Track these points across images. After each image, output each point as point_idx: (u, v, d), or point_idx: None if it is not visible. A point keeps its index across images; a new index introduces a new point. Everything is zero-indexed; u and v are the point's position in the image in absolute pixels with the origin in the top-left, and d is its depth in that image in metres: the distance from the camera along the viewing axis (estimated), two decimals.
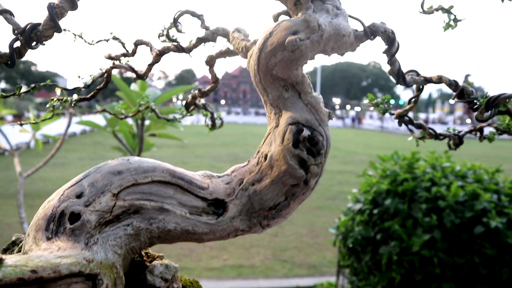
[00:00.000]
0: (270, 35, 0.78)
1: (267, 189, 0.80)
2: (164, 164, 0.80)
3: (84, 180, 0.74)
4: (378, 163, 4.09)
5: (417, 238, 3.09)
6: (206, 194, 0.80)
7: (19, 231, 7.05)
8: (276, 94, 0.82)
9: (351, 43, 0.80)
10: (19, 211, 3.73)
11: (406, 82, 0.85)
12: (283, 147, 0.78)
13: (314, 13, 0.77)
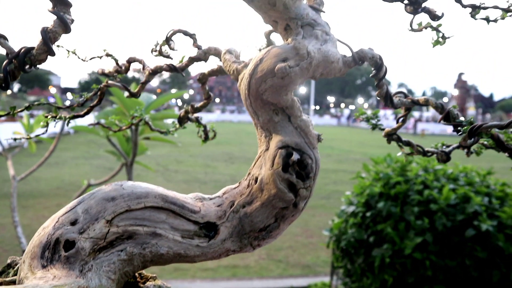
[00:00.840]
0: (260, 61, 0.80)
1: (258, 211, 0.82)
2: (157, 189, 0.82)
3: (78, 206, 0.76)
4: (371, 165, 4.12)
5: (409, 241, 3.13)
6: (198, 218, 0.82)
7: (12, 233, 7.02)
8: (267, 117, 0.83)
9: (339, 69, 0.82)
10: (13, 215, 3.73)
11: (394, 104, 0.87)
12: (273, 171, 0.80)
13: (304, 39, 0.79)
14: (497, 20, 0.95)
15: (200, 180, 11.83)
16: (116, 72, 1.10)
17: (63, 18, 0.81)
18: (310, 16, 0.82)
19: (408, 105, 0.90)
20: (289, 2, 0.77)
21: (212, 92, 1.26)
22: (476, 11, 0.86)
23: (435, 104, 0.87)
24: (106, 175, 11.72)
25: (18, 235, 3.51)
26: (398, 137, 1.00)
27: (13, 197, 3.77)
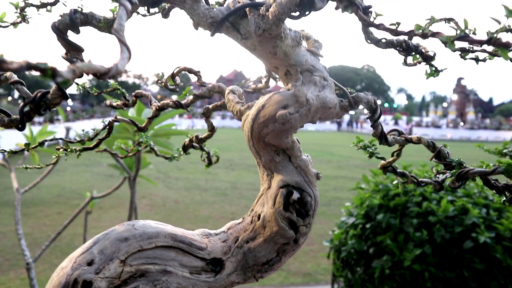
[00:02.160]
0: (262, 108, 0.85)
1: (260, 247, 0.87)
2: (166, 229, 0.87)
3: (94, 247, 0.81)
4: (371, 176, 4.18)
5: (409, 253, 3.17)
6: (205, 255, 0.87)
7: (14, 241, 7.06)
8: (268, 158, 0.89)
9: (337, 113, 0.88)
10: (17, 227, 3.77)
11: (388, 142, 0.92)
12: (274, 210, 0.85)
13: (303, 85, 0.85)
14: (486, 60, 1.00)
15: (200, 187, 11.86)
16: (124, 105, 1.15)
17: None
18: (309, 62, 0.87)
19: (402, 142, 0.96)
20: (289, 50, 0.83)
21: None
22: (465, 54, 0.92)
23: (427, 143, 0.92)
24: (107, 183, 11.76)
25: (22, 247, 3.54)
26: (393, 169, 1.05)
27: (17, 210, 3.81)
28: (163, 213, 9.05)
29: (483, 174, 0.72)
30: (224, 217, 8.81)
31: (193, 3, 0.81)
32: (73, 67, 0.40)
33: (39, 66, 0.38)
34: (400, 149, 1.00)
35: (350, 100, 0.88)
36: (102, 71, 0.43)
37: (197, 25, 0.84)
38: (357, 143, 1.27)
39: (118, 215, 8.80)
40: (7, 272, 6.11)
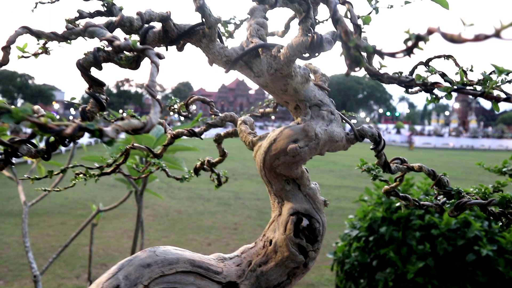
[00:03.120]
0: (274, 141, 0.91)
1: (272, 270, 0.93)
2: (185, 255, 0.93)
3: (119, 273, 0.86)
4: (373, 188, 4.22)
5: (412, 266, 3.21)
6: (221, 278, 0.92)
7: (18, 251, 7.10)
8: (279, 186, 0.95)
9: (343, 145, 0.94)
10: (24, 240, 3.81)
11: (391, 170, 0.98)
12: (285, 236, 0.91)
13: (312, 120, 0.91)
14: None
15: (203, 197, 11.90)
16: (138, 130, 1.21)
17: (99, 98, 0.92)
18: (317, 97, 0.93)
19: (404, 171, 1.01)
20: (298, 87, 0.89)
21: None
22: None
23: (428, 171, 0.98)
24: (110, 193, 11.81)
25: (30, 260, 3.58)
26: (396, 193, 1.11)
27: (24, 222, 3.86)
28: (166, 223, 9.08)
29: (480, 205, 0.78)
30: (227, 227, 8.84)
31: (209, 42, 0.88)
32: (116, 127, 0.46)
33: (89, 127, 0.44)
34: (402, 175, 1.05)
35: (356, 133, 0.94)
36: (139, 127, 0.49)
37: (212, 62, 0.90)
38: (361, 165, 1.33)
39: (121, 225, 8.83)
40: (11, 282, 6.14)
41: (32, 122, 0.40)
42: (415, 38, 0.36)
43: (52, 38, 0.76)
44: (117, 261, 5.15)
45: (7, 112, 0.39)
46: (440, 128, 61.20)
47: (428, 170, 0.98)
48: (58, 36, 0.76)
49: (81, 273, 6.37)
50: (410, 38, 0.37)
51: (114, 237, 7.90)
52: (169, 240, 7.76)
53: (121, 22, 0.77)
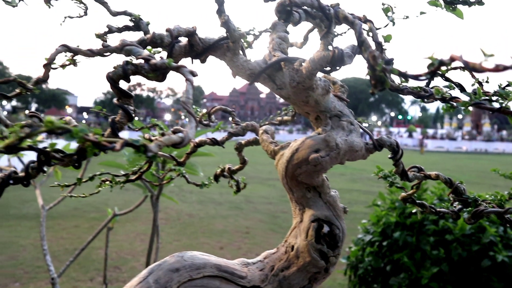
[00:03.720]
0: (296, 151, 0.95)
1: (294, 275, 0.96)
2: (211, 260, 0.97)
3: (149, 277, 0.91)
4: (386, 193, 4.22)
5: (426, 271, 3.21)
6: (245, 283, 0.96)
7: (34, 254, 7.22)
8: (300, 194, 0.98)
9: (363, 155, 0.97)
10: (42, 243, 3.89)
11: (408, 178, 1.01)
12: (307, 242, 0.95)
13: (332, 130, 0.94)
14: None
15: (215, 201, 11.95)
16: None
17: (127, 109, 0.96)
18: (337, 108, 0.97)
19: (421, 178, 1.04)
20: (319, 99, 0.92)
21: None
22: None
23: (445, 180, 1.00)
24: (122, 196, 11.91)
25: (48, 263, 3.66)
26: (413, 200, 1.14)
27: (42, 226, 3.94)
28: (178, 227, 9.13)
29: (497, 213, 0.80)
30: (239, 231, 8.87)
31: (233, 56, 0.92)
32: (158, 143, 0.50)
33: (134, 143, 0.48)
34: (419, 183, 1.08)
35: (375, 143, 0.97)
36: (178, 142, 0.53)
37: (236, 74, 0.94)
38: (377, 172, 1.36)
39: (134, 229, 8.91)
40: (26, 284, 6.23)
41: (88, 140, 0.44)
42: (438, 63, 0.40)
43: (89, 55, 0.81)
44: (130, 264, 5.23)
45: (68, 132, 0.43)
46: (453, 131, 60.65)
47: (445, 178, 1.00)
48: (94, 53, 0.81)
49: (95, 276, 6.45)
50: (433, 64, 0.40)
51: (127, 241, 7.98)
52: (181, 243, 7.82)
53: (153, 39, 0.81)
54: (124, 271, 6.54)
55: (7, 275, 6.41)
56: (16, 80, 0.77)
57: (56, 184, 1.11)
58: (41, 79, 0.78)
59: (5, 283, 6.15)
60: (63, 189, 1.09)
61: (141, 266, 6.67)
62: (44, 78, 0.78)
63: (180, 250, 8.09)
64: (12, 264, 6.83)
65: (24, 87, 0.79)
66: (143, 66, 1.00)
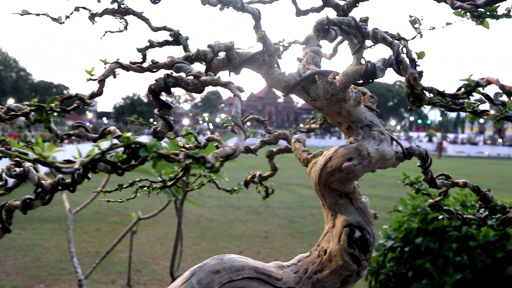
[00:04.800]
0: (329, 159, 1.00)
1: (327, 277, 1.01)
2: (249, 262, 1.02)
3: (192, 278, 0.96)
4: (408, 199, 4.22)
5: (449, 277, 3.20)
6: (281, 284, 1.01)
7: (57, 256, 7.38)
8: (333, 200, 1.03)
9: (393, 163, 1.01)
10: (69, 246, 4.01)
11: (437, 186, 1.05)
12: (340, 246, 0.99)
13: (363, 139, 0.99)
14: None
15: (233, 206, 12.01)
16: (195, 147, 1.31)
17: (168, 120, 1.02)
18: (368, 118, 1.01)
19: (449, 186, 1.07)
20: (351, 109, 0.97)
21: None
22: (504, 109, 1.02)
23: (472, 187, 1.04)
24: (142, 201, 12.06)
25: (75, 265, 3.77)
26: (440, 207, 1.17)
27: (69, 229, 4.06)
28: (197, 231, 9.21)
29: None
30: (258, 236, 8.90)
31: (269, 68, 0.97)
32: (215, 155, 0.55)
33: (195, 155, 0.53)
34: (446, 190, 1.12)
35: (405, 152, 1.01)
36: (231, 153, 0.58)
37: (271, 86, 0.99)
38: (404, 179, 1.39)
39: (154, 232, 9.01)
40: (51, 286, 6.36)
41: (159, 154, 0.49)
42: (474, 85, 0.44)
43: (139, 71, 0.87)
44: (151, 267, 5.32)
45: (143, 146, 0.49)
46: (474, 136, 59.59)
47: (473, 186, 1.03)
48: (143, 69, 0.87)
49: (117, 278, 6.56)
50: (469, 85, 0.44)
51: (147, 244, 8.09)
52: (201, 247, 7.89)
53: (198, 55, 0.87)
54: (144, 274, 6.64)
55: (32, 276, 6.57)
56: (77, 95, 0.84)
57: (99, 190, 1.17)
58: (95, 94, 0.84)
59: (31, 284, 6.31)
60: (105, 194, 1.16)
61: (161, 270, 6.76)
62: (98, 93, 0.84)
63: (200, 254, 8.13)
64: (37, 266, 6.99)
65: (82, 101, 0.85)
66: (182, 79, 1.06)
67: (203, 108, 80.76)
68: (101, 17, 1.12)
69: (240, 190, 1.52)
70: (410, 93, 0.52)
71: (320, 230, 9.41)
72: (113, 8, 1.09)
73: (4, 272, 6.65)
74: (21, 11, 1.18)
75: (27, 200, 1.08)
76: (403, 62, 0.56)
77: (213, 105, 79.98)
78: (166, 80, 1.05)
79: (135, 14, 1.05)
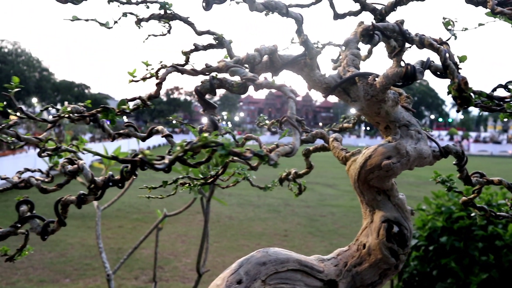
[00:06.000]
0: (369, 157, 1.04)
1: (366, 271, 1.05)
2: (293, 255, 1.08)
3: (240, 269, 1.02)
4: (432, 198, 4.21)
5: (474, 277, 3.20)
6: (323, 276, 1.06)
7: (81, 252, 7.56)
8: (371, 197, 1.07)
9: (430, 161, 1.05)
10: (98, 242, 4.13)
11: (472, 183, 1.08)
12: (379, 240, 1.04)
13: (401, 139, 1.03)
14: None
15: (253, 204, 12.08)
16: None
17: (213, 119, 1.08)
18: (405, 118, 1.05)
19: (484, 184, 1.11)
20: (389, 110, 1.01)
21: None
22: None
23: (508, 185, 1.07)
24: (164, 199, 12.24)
25: (103, 260, 3.88)
26: (473, 204, 1.20)
27: (97, 225, 4.18)
28: (218, 229, 9.29)
29: None
30: (278, 234, 8.95)
31: (310, 71, 1.02)
32: (277, 153, 0.61)
33: (259, 153, 0.58)
34: (480, 188, 1.15)
35: (442, 150, 1.05)
36: (289, 151, 0.63)
37: (312, 88, 1.04)
38: (435, 177, 1.42)
39: (174, 230, 9.13)
40: (76, 281, 6.52)
41: (234, 152, 0.55)
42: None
43: (193, 74, 0.93)
44: (173, 264, 5.42)
45: (221, 145, 0.54)
46: (498, 134, 58.39)
47: (508, 184, 1.07)
48: (197, 72, 0.93)
49: (139, 274, 6.69)
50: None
51: (168, 241, 8.22)
52: (221, 245, 7.98)
53: (247, 59, 0.92)
54: (166, 270, 6.76)
55: (58, 271, 6.75)
56: (140, 98, 0.90)
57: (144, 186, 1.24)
58: (153, 95, 0.90)
59: (57, 278, 6.49)
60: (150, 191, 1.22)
61: (183, 267, 6.87)
62: (155, 95, 0.90)
63: (221, 252, 8.19)
64: (62, 261, 7.18)
65: (144, 103, 0.92)
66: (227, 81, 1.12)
67: (221, 107, 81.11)
68: (148, 22, 1.18)
69: (274, 187, 1.57)
70: (458, 96, 0.56)
71: (340, 229, 9.41)
72: (159, 14, 1.16)
73: (31, 266, 6.85)
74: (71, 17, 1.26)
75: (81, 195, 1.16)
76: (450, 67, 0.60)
77: (231, 103, 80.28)
78: (212, 82, 1.10)
79: (181, 19, 1.11)
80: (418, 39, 0.79)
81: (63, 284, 6.35)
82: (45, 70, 61.15)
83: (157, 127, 1.14)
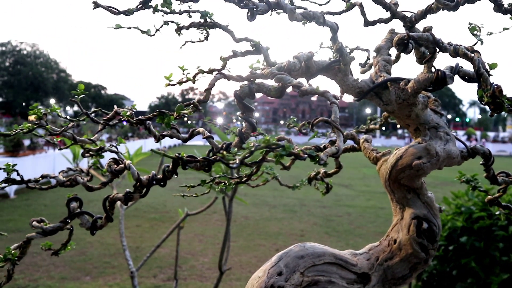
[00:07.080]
0: (400, 158, 1.10)
1: (397, 265, 1.12)
2: (328, 249, 1.14)
3: (280, 262, 1.09)
4: (451, 198, 4.23)
5: (495, 277, 3.22)
6: (356, 269, 1.13)
7: (100, 250, 7.71)
8: (401, 195, 1.14)
9: (458, 161, 1.11)
10: (122, 239, 4.24)
11: (498, 182, 1.13)
12: (409, 236, 1.10)
13: (431, 140, 1.09)
14: None
15: (269, 204, 12.13)
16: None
17: (251, 121, 1.15)
18: (434, 120, 1.11)
19: (510, 183, 1.16)
20: (419, 112, 1.07)
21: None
22: None
23: None
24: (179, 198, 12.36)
25: (127, 257, 3.99)
26: (498, 203, 1.25)
27: (121, 224, 4.29)
28: (234, 229, 9.35)
29: None
30: (294, 234, 8.99)
31: (344, 76, 1.08)
32: (326, 153, 0.67)
33: (311, 154, 0.65)
34: (505, 187, 1.20)
35: (469, 151, 1.10)
36: (335, 152, 0.70)
37: (345, 92, 1.11)
38: (460, 177, 1.47)
39: (192, 229, 9.22)
40: (96, 278, 6.65)
41: (293, 153, 0.62)
42: None
43: (238, 80, 1.00)
44: (190, 263, 5.51)
45: (282, 147, 0.61)
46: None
47: None
48: (243, 78, 1.00)
49: (157, 273, 6.80)
50: None
51: (185, 240, 8.32)
52: (238, 244, 8.06)
53: (289, 66, 0.99)
54: (184, 269, 6.86)
55: (78, 269, 6.90)
56: (193, 102, 0.98)
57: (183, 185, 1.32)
58: (202, 100, 0.98)
59: (77, 276, 6.63)
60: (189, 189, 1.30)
61: (200, 266, 6.97)
62: (204, 100, 0.98)
63: (238, 251, 8.26)
64: (82, 259, 7.33)
65: (196, 107, 0.99)
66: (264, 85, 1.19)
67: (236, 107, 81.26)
68: (188, 29, 1.26)
69: (302, 187, 1.64)
70: (491, 101, 0.62)
71: (357, 229, 9.42)
72: (199, 22, 1.23)
73: (52, 264, 7.01)
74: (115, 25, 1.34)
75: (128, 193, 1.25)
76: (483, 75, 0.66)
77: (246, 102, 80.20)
78: (251, 87, 1.18)
79: (221, 27, 1.19)
80: (452, 48, 0.85)
81: (84, 281, 6.48)
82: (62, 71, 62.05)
83: (198, 129, 1.21)
